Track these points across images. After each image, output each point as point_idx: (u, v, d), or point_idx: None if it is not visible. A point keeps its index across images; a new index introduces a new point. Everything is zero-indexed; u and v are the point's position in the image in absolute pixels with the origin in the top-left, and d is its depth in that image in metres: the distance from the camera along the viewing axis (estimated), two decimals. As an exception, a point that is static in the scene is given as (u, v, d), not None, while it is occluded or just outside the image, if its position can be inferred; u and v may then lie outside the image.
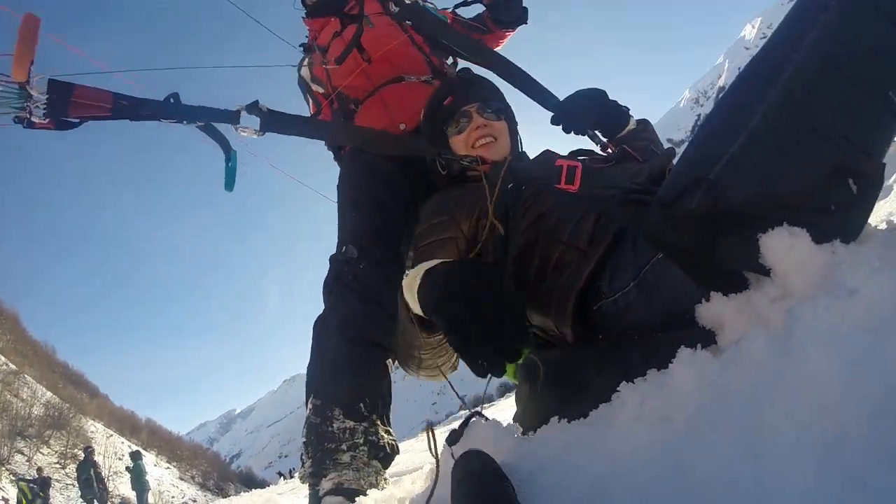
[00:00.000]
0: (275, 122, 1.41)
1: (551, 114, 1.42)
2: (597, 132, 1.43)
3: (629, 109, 1.42)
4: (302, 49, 1.98)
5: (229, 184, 1.37)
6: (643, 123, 1.43)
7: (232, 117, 1.38)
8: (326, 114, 1.95)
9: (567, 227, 1.04)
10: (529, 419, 1.07)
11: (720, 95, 0.96)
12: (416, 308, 1.01)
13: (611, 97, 1.44)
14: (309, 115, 2.04)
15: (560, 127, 1.41)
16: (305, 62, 2.02)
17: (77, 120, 1.17)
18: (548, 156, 1.39)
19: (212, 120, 1.35)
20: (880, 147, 0.78)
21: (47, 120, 1.12)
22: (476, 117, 1.41)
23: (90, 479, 11.75)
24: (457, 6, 1.94)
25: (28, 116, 1.09)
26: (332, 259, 1.64)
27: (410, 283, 0.99)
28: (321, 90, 1.97)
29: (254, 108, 1.40)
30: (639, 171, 1.14)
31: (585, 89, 1.41)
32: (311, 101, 2.04)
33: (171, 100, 1.30)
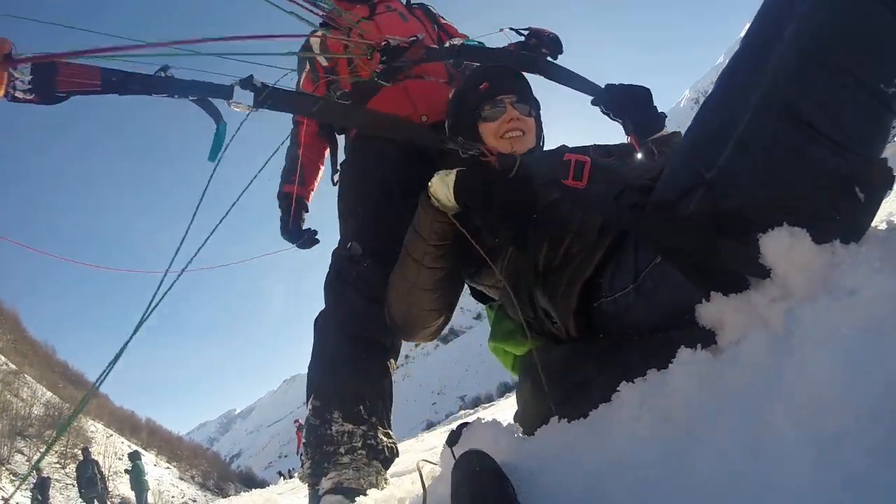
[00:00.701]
0: (270, 97, 1.38)
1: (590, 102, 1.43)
2: (630, 124, 1.42)
3: (666, 117, 1.43)
4: (323, 18, 1.84)
5: (213, 153, 1.33)
6: (677, 135, 1.45)
7: (225, 92, 1.35)
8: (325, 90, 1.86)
9: (577, 218, 1.05)
10: (530, 419, 1.07)
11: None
12: (445, 201, 1.15)
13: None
14: (297, 85, 1.95)
15: (600, 107, 1.42)
16: (319, 32, 1.89)
17: (63, 94, 1.14)
18: (562, 150, 1.39)
19: (203, 94, 1.31)
20: (875, 144, 0.76)
21: (32, 95, 1.09)
22: (510, 109, 1.39)
23: (94, 476, 11.75)
24: (516, 43, 1.90)
25: (12, 91, 1.07)
26: (336, 255, 1.62)
27: (441, 179, 1.16)
28: (326, 64, 1.88)
29: (248, 82, 1.36)
30: (650, 168, 1.13)
31: (634, 85, 1.41)
32: (308, 68, 1.93)
33: (162, 73, 1.27)
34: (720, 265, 0.80)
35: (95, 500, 11.75)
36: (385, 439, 1.44)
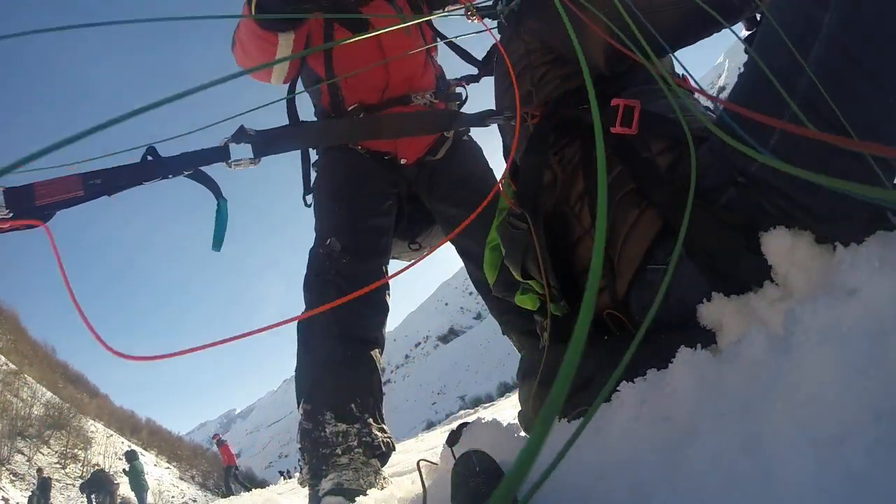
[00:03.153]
0: (268, 143, 1.34)
1: None
2: None
3: None
4: None
5: (217, 242, 1.24)
6: None
7: (220, 154, 1.30)
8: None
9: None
10: (532, 418, 1.07)
11: (721, 94, 0.91)
12: None
13: None
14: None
15: None
16: None
17: (48, 212, 1.10)
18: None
19: (199, 164, 1.26)
20: None
21: (10, 224, 1.05)
22: None
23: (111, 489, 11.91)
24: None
25: None
26: (313, 253, 1.59)
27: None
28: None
29: (241, 135, 1.32)
30: (691, 115, 1.01)
31: None
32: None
33: (149, 157, 1.22)
34: (740, 274, 0.78)
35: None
36: (380, 434, 1.44)
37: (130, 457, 13.09)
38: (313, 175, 1.84)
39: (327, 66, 1.68)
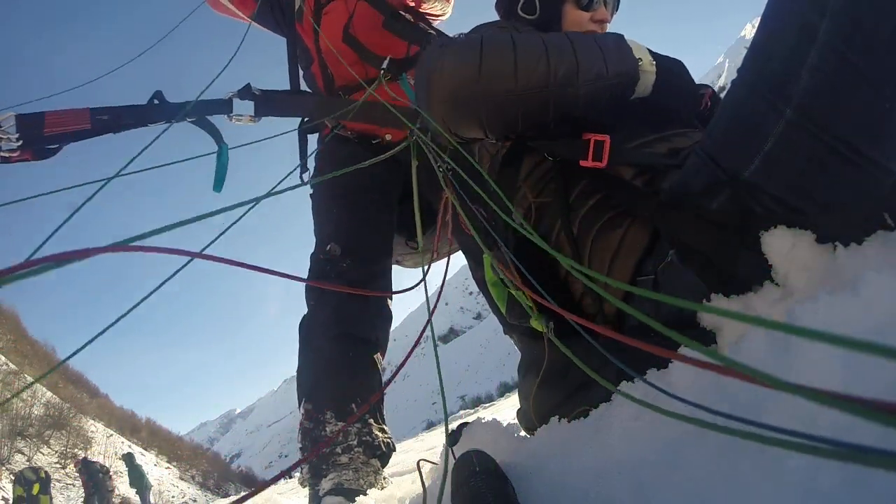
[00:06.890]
0: (270, 104, 1.34)
1: None
2: None
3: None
4: None
5: (218, 183, 1.27)
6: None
7: (224, 107, 1.31)
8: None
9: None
10: (531, 417, 1.07)
11: (721, 94, 0.91)
12: None
13: None
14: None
15: None
16: None
17: (56, 145, 1.09)
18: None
19: (202, 114, 1.27)
20: None
21: (18, 153, 1.04)
22: (603, 10, 1.29)
23: (106, 482, 11.68)
24: None
25: None
26: (314, 258, 1.60)
27: None
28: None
29: (246, 92, 1.32)
30: (678, 142, 1.02)
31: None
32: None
33: (156, 100, 1.22)
34: (736, 272, 0.78)
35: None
36: (380, 434, 1.45)
37: (129, 460, 12.83)
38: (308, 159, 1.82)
39: (316, 46, 1.67)
